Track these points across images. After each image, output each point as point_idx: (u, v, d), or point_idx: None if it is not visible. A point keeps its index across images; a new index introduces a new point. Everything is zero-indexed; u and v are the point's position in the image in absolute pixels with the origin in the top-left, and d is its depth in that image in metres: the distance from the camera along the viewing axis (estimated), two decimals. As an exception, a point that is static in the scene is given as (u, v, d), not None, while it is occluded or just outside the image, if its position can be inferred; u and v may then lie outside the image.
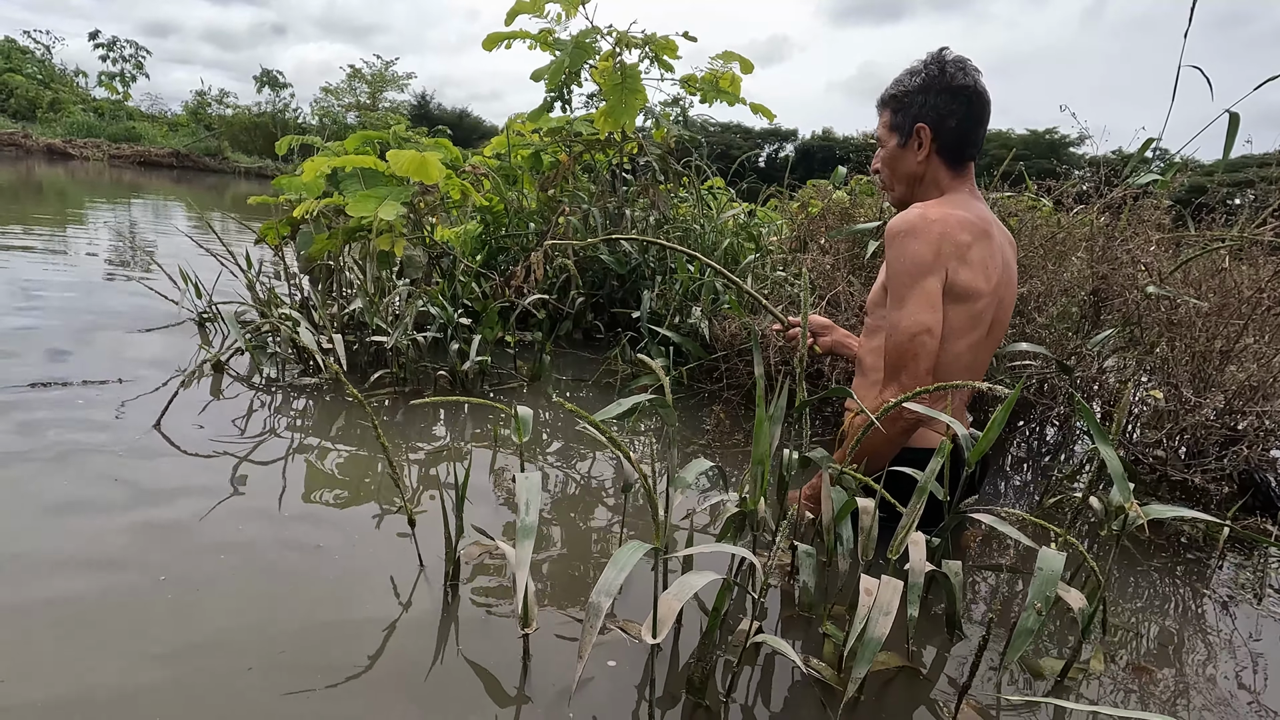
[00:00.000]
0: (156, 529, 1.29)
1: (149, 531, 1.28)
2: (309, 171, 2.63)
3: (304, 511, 1.42)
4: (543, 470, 1.80)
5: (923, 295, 1.33)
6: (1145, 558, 1.61)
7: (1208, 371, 1.91)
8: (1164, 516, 1.01)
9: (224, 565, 1.20)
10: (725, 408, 2.30)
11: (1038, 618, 0.97)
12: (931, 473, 1.02)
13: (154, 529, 1.29)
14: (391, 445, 1.82)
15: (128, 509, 1.34)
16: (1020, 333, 2.16)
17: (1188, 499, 1.87)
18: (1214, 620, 1.39)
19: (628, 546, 0.79)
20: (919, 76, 1.45)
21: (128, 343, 2.46)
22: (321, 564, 1.24)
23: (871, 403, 1.42)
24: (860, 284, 2.37)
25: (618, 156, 3.28)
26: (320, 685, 0.95)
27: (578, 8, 2.82)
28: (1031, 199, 2.64)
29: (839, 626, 1.13)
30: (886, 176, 1.55)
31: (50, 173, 13.30)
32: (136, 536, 1.26)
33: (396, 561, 1.27)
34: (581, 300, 2.95)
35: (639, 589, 1.22)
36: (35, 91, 22.97)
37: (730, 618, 1.17)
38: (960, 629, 1.20)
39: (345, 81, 28.83)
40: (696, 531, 1.50)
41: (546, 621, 1.13)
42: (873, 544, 1.04)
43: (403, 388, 2.22)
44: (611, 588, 0.73)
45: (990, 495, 1.92)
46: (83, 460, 1.51)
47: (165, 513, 1.35)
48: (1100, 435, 0.98)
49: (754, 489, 1.05)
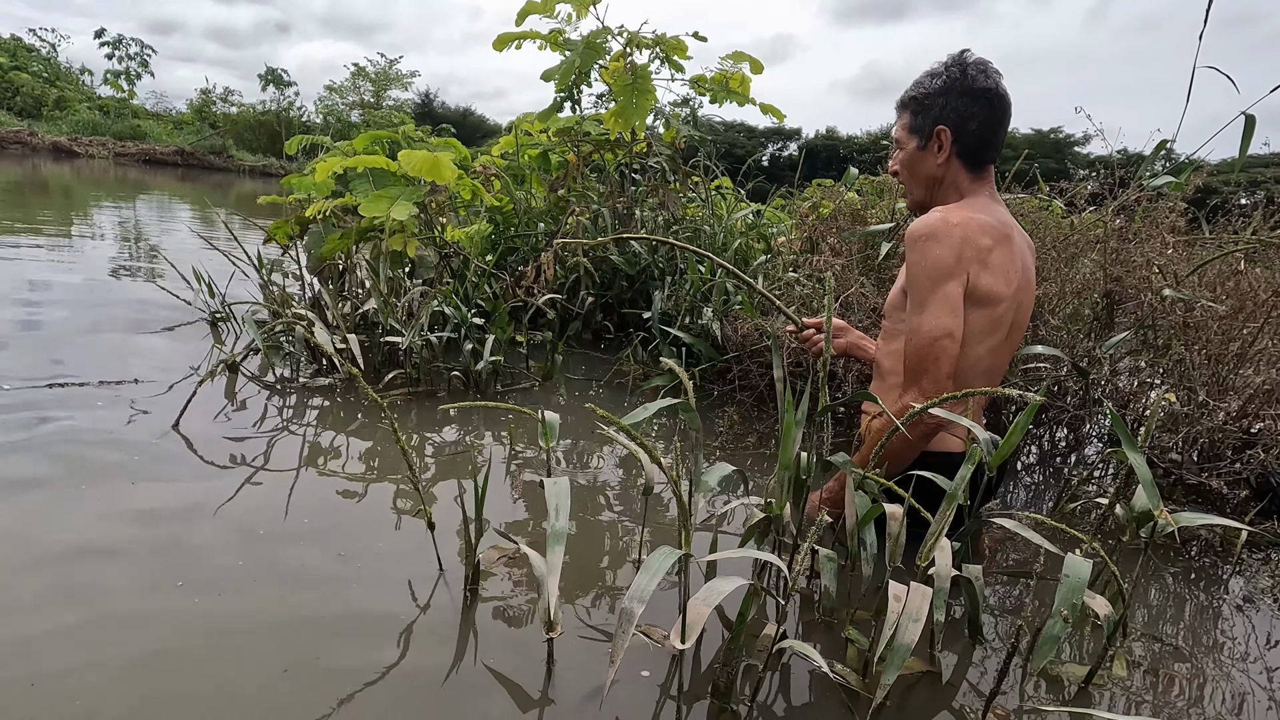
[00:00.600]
0: (176, 532, 1.29)
1: (168, 535, 1.28)
2: (321, 172, 2.64)
3: (323, 513, 1.42)
4: (559, 471, 1.80)
5: (944, 300, 1.32)
6: (1163, 562, 1.61)
7: (1223, 375, 1.90)
8: (1194, 524, 1.01)
9: (243, 569, 1.20)
10: (738, 409, 2.30)
11: (1064, 625, 0.97)
12: (962, 479, 1.02)
13: (173, 532, 1.29)
14: (408, 446, 1.82)
15: (146, 513, 1.35)
16: (1034, 334, 2.15)
17: (1203, 503, 1.87)
18: (1233, 625, 1.39)
19: (659, 552, 0.79)
20: (940, 79, 1.44)
21: (140, 343, 2.47)
22: (341, 567, 1.24)
23: (891, 407, 1.42)
24: (873, 286, 2.37)
25: (627, 156, 3.28)
26: (344, 691, 0.95)
27: (588, 8, 2.81)
28: (1043, 200, 2.63)
29: (862, 632, 1.13)
30: (905, 179, 1.55)
31: (56, 170, 13.34)
32: (155, 539, 1.26)
33: (417, 564, 1.27)
34: (591, 301, 2.95)
35: (656, 594, 1.22)
36: (41, 89, 23.02)
37: (751, 622, 1.17)
38: (981, 633, 1.19)
39: (349, 80, 28.83)
40: (719, 534, 1.50)
41: (567, 624, 1.14)
42: (900, 550, 1.04)
43: (416, 388, 2.22)
44: (644, 593, 0.73)
45: (1003, 498, 1.92)
46: (101, 461, 1.52)
47: (185, 516, 1.35)
48: (1130, 443, 0.97)
49: (780, 493, 1.05)
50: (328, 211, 2.71)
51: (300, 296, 2.84)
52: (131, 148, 19.98)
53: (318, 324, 2.05)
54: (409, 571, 1.24)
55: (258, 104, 26.60)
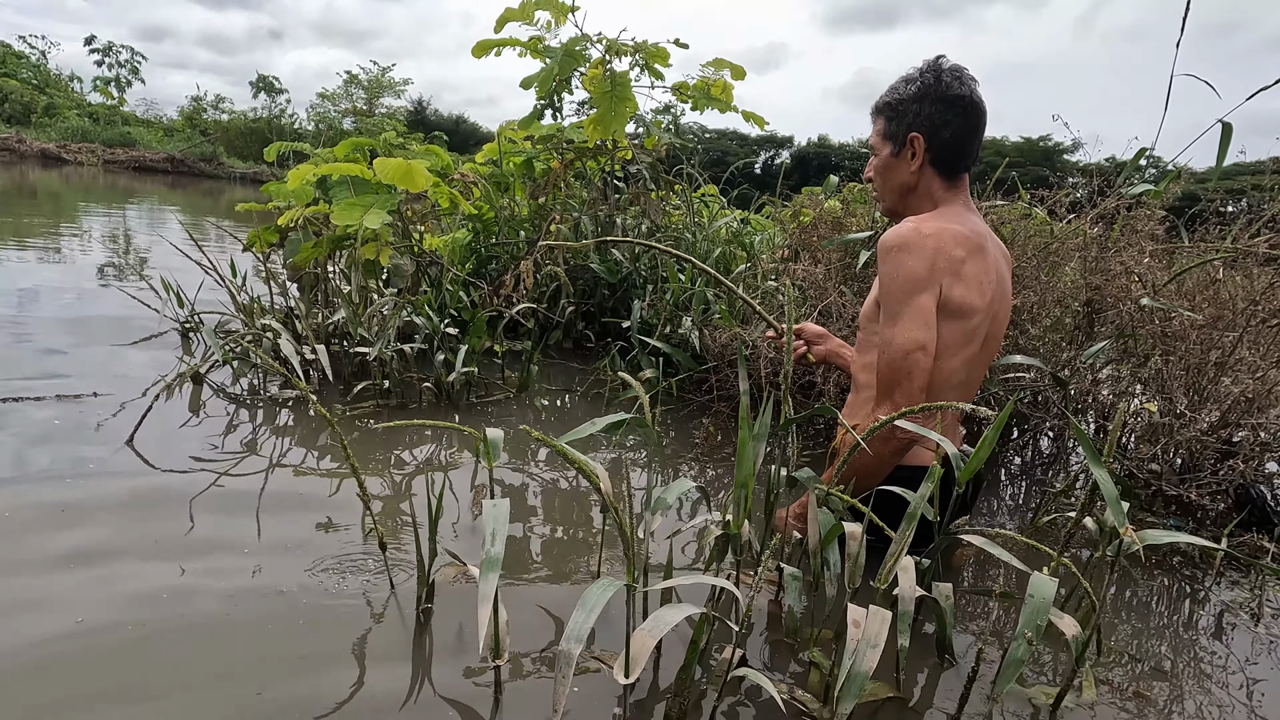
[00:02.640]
0: (119, 558, 1.25)
1: (111, 564, 1.24)
2: (294, 179, 2.60)
3: (279, 534, 1.38)
4: (528, 480, 1.76)
5: (916, 312, 1.30)
6: (1140, 575, 1.58)
7: (1202, 384, 1.88)
8: (1159, 542, 0.98)
9: (193, 596, 1.16)
10: (715, 420, 2.27)
11: (1028, 648, 0.94)
12: (921, 498, 0.98)
13: (116, 558, 1.25)
14: (374, 459, 1.78)
15: (86, 541, 1.29)
16: (1013, 343, 2.13)
17: (1184, 514, 1.84)
18: (1210, 642, 1.36)
19: (598, 585, 0.75)
20: (914, 85, 1.42)
21: (111, 355, 2.42)
22: (295, 590, 1.19)
23: (866, 420, 1.39)
24: (853, 294, 2.35)
25: (610, 164, 3.25)
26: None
27: (567, 15, 2.79)
28: (1025, 208, 2.62)
29: (826, 654, 1.10)
30: (879, 186, 1.52)
31: (44, 177, 13.24)
32: (94, 570, 1.21)
33: (371, 586, 1.23)
34: (572, 309, 2.92)
35: (620, 615, 1.19)
36: (30, 96, 22.90)
37: (713, 643, 1.13)
38: (951, 654, 1.16)
39: (342, 87, 28.78)
40: (679, 552, 1.47)
41: (524, 644, 1.09)
42: (860, 571, 1.01)
43: (387, 400, 2.18)
44: (581, 633, 0.69)
45: (984, 510, 1.89)
46: (41, 481, 1.47)
47: (132, 539, 1.30)
48: (1094, 458, 0.95)
49: (738, 512, 1.02)
50: (303, 219, 2.67)
51: (275, 305, 2.79)
52: (121, 154, 19.88)
53: (284, 335, 2.00)
54: (364, 592, 1.20)
55: (249, 111, 26.55)
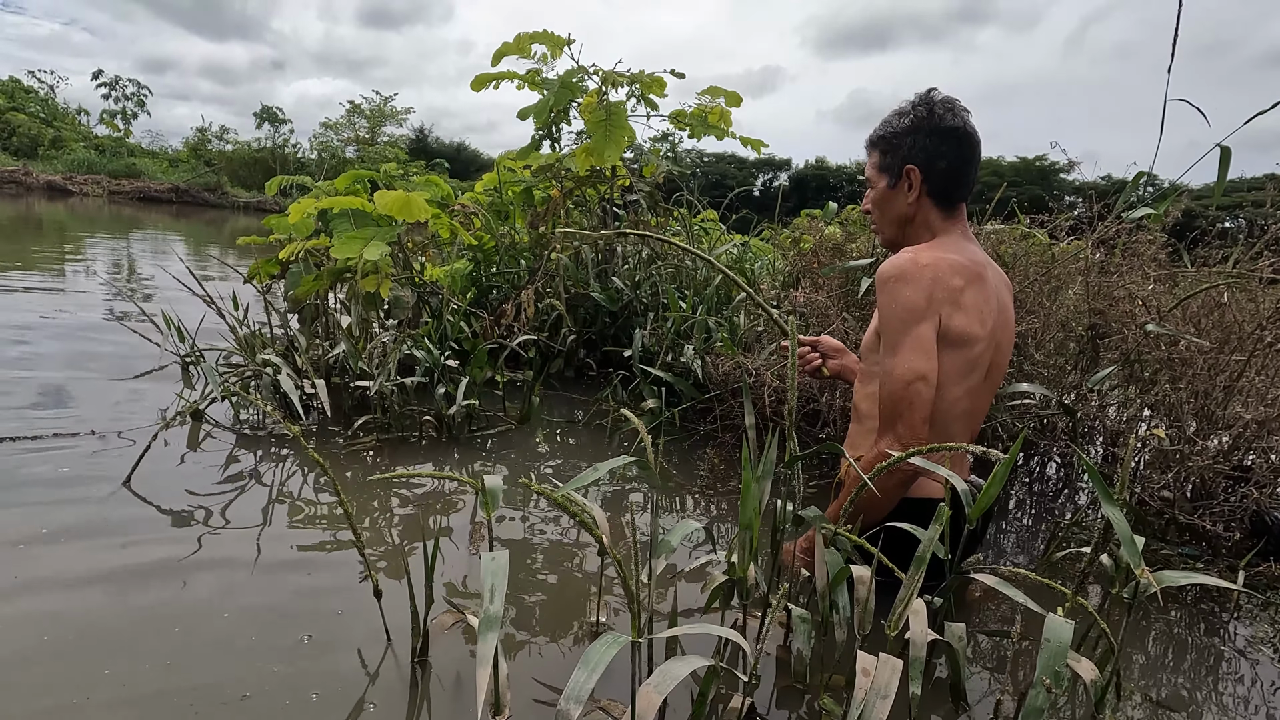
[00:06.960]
0: (109, 601, 1.22)
1: (102, 604, 1.21)
2: (295, 213, 2.61)
3: (273, 578, 1.35)
4: (529, 514, 1.73)
5: (916, 342, 1.28)
6: (1156, 611, 1.54)
7: (1211, 409, 1.85)
8: (1177, 583, 0.95)
9: (181, 641, 1.13)
10: (719, 451, 2.24)
11: (1047, 695, 0.91)
12: (930, 540, 0.96)
13: (105, 601, 1.22)
14: (372, 497, 1.76)
15: (75, 584, 1.27)
16: (1018, 369, 2.11)
17: (1197, 542, 1.80)
18: (1231, 677, 1.32)
19: (601, 642, 0.73)
20: (907, 118, 1.42)
21: (112, 390, 2.41)
22: (287, 638, 1.17)
23: (869, 452, 1.36)
24: (855, 321, 2.33)
25: (609, 192, 3.27)
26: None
27: (563, 49, 2.82)
28: (1025, 229, 2.61)
29: (837, 700, 1.06)
30: (877, 218, 1.52)
31: (50, 209, 13.38)
32: (82, 615, 1.19)
33: (366, 634, 1.20)
34: (573, 338, 2.91)
35: (624, 662, 1.15)
36: (38, 129, 23.28)
37: (722, 688, 1.10)
38: (965, 699, 1.12)
39: (344, 117, 29.21)
40: (685, 593, 1.43)
41: (526, 691, 1.06)
42: (870, 616, 0.98)
43: (387, 434, 2.16)
44: (581, 693, 0.67)
45: (991, 541, 1.85)
46: (33, 524, 1.45)
47: (123, 583, 1.28)
48: (1106, 497, 0.92)
49: (743, 555, 0.99)
50: (301, 253, 2.68)
51: (275, 337, 2.78)
52: (126, 185, 20.13)
53: (284, 370, 1.99)
54: (358, 641, 1.17)
55: (253, 141, 26.92)
